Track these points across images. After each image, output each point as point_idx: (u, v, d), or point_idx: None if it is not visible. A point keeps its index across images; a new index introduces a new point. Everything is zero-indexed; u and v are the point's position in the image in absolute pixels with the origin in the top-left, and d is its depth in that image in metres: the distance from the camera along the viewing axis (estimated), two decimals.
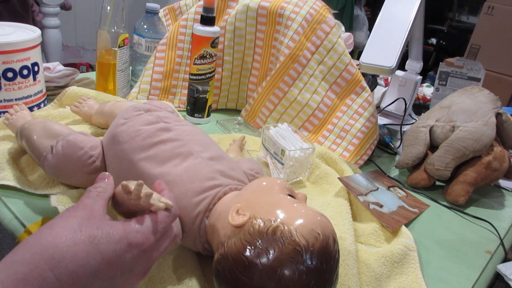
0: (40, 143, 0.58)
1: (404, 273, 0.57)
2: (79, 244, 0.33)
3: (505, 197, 0.88)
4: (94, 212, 0.36)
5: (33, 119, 0.64)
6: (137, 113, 0.59)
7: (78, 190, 0.58)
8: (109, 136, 0.57)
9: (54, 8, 2.11)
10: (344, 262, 0.53)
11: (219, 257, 0.45)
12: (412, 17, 0.85)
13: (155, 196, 0.39)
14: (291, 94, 0.90)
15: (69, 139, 0.55)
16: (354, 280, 0.52)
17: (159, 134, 0.55)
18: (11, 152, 0.64)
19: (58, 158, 0.54)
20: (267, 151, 0.77)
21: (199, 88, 0.90)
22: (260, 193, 0.49)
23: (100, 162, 0.56)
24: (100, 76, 0.92)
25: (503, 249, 0.70)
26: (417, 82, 1.10)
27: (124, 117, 0.59)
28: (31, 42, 0.74)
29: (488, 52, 2.47)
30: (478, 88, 0.90)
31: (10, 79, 0.73)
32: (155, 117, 0.58)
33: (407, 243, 0.60)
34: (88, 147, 0.55)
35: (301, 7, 0.91)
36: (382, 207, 0.69)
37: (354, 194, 0.68)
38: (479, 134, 0.80)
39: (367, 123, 0.89)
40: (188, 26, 0.97)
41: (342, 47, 0.91)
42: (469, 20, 3.77)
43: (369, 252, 0.59)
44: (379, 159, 0.94)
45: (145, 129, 0.55)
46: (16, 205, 0.57)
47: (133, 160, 0.53)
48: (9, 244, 1.48)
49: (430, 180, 0.83)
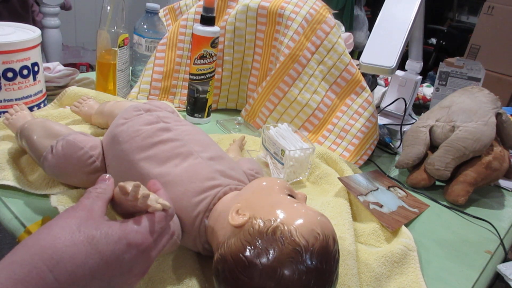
0: (40, 143, 0.58)
1: (404, 273, 0.57)
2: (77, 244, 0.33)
3: (505, 197, 0.88)
4: (93, 213, 0.36)
5: (33, 119, 0.64)
6: (137, 113, 0.59)
7: (78, 190, 0.58)
8: (109, 136, 0.57)
9: (54, 8, 2.11)
10: (344, 262, 0.53)
11: (219, 257, 0.45)
12: (412, 17, 0.85)
13: (152, 197, 0.39)
14: (291, 94, 0.90)
15: (69, 139, 0.55)
16: (354, 280, 0.52)
17: (159, 134, 0.55)
18: (11, 152, 0.64)
19: (58, 158, 0.54)
20: (267, 151, 0.77)
21: (199, 88, 0.90)
22: (260, 193, 0.49)
23: (100, 162, 0.56)
24: (100, 76, 0.92)
25: (503, 249, 0.70)
26: (417, 82, 1.10)
27: (124, 117, 0.59)
28: (31, 42, 0.74)
29: (488, 52, 2.47)
30: (478, 88, 0.90)
31: (10, 79, 0.73)
32: (155, 117, 0.58)
33: (407, 243, 0.60)
34: (88, 147, 0.55)
35: (301, 7, 0.91)
36: (382, 207, 0.69)
37: (354, 194, 0.68)
38: (479, 134, 0.80)
39: (367, 123, 0.89)
40: (188, 26, 0.97)
41: (342, 47, 0.91)
42: (469, 20, 3.77)
43: (369, 252, 0.59)
44: (379, 159, 0.94)
45: (145, 129, 0.55)
46: (16, 205, 0.57)
47: (133, 160, 0.53)
48: (9, 244, 1.48)
49: (430, 180, 0.83)
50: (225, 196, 0.51)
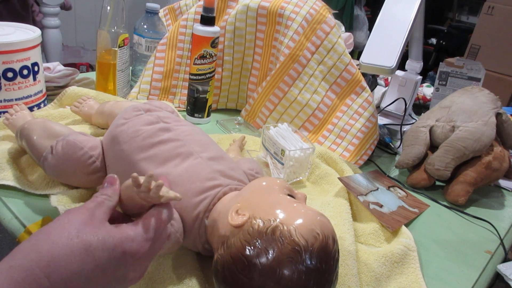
0: (40, 144, 0.58)
1: (404, 273, 0.57)
2: (74, 252, 0.33)
3: (505, 197, 0.88)
4: (94, 218, 0.36)
5: (33, 119, 0.64)
6: (137, 113, 0.59)
7: (78, 190, 0.58)
8: (109, 136, 0.57)
9: (54, 8, 2.11)
10: (344, 262, 0.53)
11: (219, 257, 0.45)
12: (412, 17, 0.85)
13: (163, 188, 0.39)
14: (291, 94, 0.90)
15: (69, 139, 0.55)
16: (354, 280, 0.52)
17: (159, 134, 0.55)
18: (11, 152, 0.64)
19: (58, 158, 0.54)
20: (267, 151, 0.77)
21: (199, 88, 0.90)
22: (259, 193, 0.49)
23: (100, 162, 0.56)
24: (100, 76, 0.92)
25: (503, 249, 0.70)
26: (417, 82, 1.10)
27: (124, 117, 0.59)
28: (31, 42, 0.74)
29: (488, 52, 2.47)
30: (478, 88, 0.90)
31: (10, 79, 0.73)
32: (155, 117, 0.58)
33: (407, 243, 0.60)
34: (88, 147, 0.55)
35: (301, 7, 0.91)
36: (382, 207, 0.69)
37: (354, 194, 0.68)
38: (479, 134, 0.80)
39: (367, 123, 0.89)
40: (188, 26, 0.97)
41: (342, 47, 0.91)
42: (469, 20, 3.77)
43: (369, 252, 0.59)
44: (379, 159, 0.94)
45: (145, 129, 0.55)
46: (16, 205, 0.57)
47: (133, 160, 0.53)
48: (9, 244, 1.48)
49: (430, 180, 0.83)
50: (225, 196, 0.51)
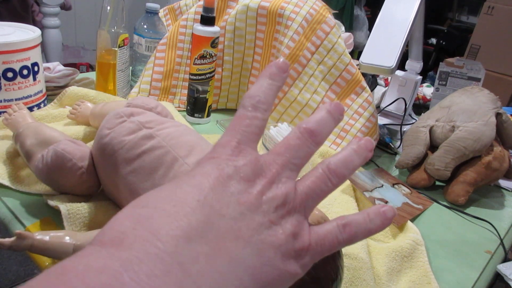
0: (32, 151, 0.58)
1: (414, 267, 0.59)
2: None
3: (505, 197, 0.88)
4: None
5: (28, 124, 0.64)
6: (120, 121, 0.56)
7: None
8: (95, 147, 0.56)
9: (54, 8, 2.12)
10: (358, 256, 0.55)
11: None
12: (412, 17, 0.85)
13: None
14: (291, 94, 0.90)
15: (57, 150, 0.54)
16: (369, 273, 0.53)
17: (142, 144, 0.53)
18: (9, 151, 0.64)
19: (48, 169, 0.54)
20: (268, 151, 0.77)
21: (199, 88, 0.90)
22: None
23: (90, 172, 0.55)
24: (100, 76, 0.92)
25: (503, 249, 0.70)
26: (417, 82, 1.10)
27: (107, 127, 0.56)
28: (31, 42, 0.74)
29: (488, 52, 2.47)
30: (478, 88, 0.90)
31: (10, 79, 0.73)
32: (136, 124, 0.55)
33: (415, 237, 0.62)
34: (76, 158, 0.54)
35: (301, 7, 0.91)
36: (387, 203, 0.70)
37: (360, 190, 0.69)
38: (479, 134, 0.80)
39: (367, 123, 0.89)
40: (188, 26, 0.97)
41: (342, 47, 0.91)
42: (469, 20, 3.78)
43: (379, 248, 0.60)
44: (379, 159, 0.94)
45: (128, 140, 0.53)
46: (16, 205, 0.57)
47: (121, 174, 0.52)
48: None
49: (430, 180, 0.83)
50: None
